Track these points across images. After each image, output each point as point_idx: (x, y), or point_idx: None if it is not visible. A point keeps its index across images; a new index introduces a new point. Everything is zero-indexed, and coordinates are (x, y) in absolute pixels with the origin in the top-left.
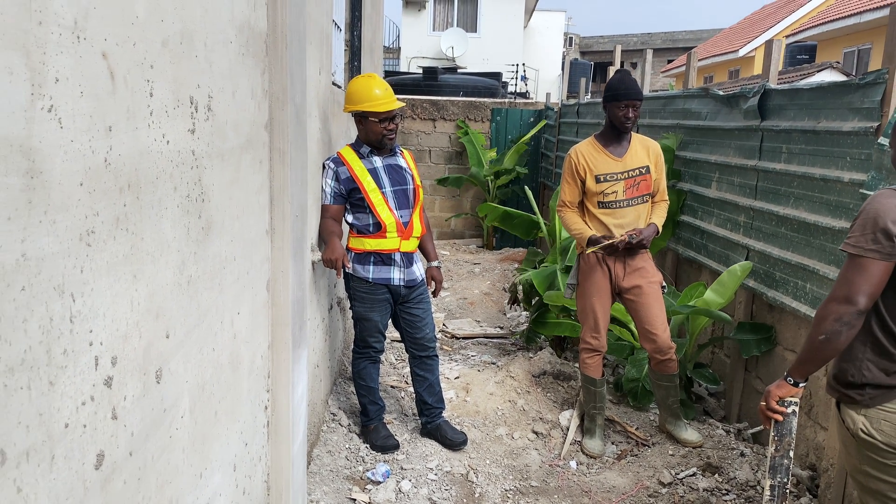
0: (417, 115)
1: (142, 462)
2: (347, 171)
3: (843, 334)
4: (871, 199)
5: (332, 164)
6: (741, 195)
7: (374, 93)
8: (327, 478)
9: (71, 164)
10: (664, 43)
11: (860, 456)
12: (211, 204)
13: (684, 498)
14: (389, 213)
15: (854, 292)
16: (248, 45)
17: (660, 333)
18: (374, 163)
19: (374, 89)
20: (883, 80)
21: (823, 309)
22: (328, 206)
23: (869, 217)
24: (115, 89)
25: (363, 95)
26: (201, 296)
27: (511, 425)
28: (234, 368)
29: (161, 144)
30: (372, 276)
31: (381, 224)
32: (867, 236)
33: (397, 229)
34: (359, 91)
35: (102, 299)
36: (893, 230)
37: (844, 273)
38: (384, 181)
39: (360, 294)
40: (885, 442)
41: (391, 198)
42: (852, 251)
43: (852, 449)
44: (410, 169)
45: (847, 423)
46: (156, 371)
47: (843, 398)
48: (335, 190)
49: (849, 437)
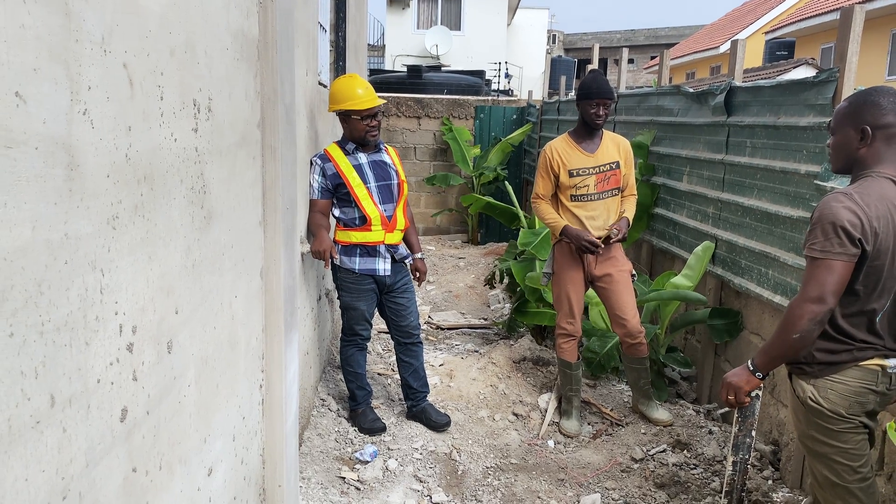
0: (402, 112)
1: (157, 421)
2: (333, 167)
3: (816, 331)
4: (823, 205)
5: (319, 161)
6: (710, 188)
7: (355, 92)
8: (318, 458)
9: (100, 158)
10: (647, 39)
11: (808, 422)
12: (211, 196)
13: (655, 472)
14: (374, 207)
15: (826, 292)
16: (243, 51)
17: (629, 319)
18: (359, 159)
19: (356, 89)
20: (834, 78)
21: (798, 309)
22: (316, 200)
23: (827, 222)
24: (133, 94)
25: (345, 95)
26: (204, 278)
27: (492, 408)
28: (233, 347)
29: (170, 142)
30: (358, 268)
31: (367, 217)
32: (832, 240)
33: (381, 222)
34: (341, 91)
35: (125, 276)
36: (852, 231)
37: (813, 275)
38: (369, 177)
39: (346, 284)
40: (830, 409)
41: (375, 192)
42: (820, 255)
43: (801, 416)
44: (395, 164)
45: (797, 392)
46: (167, 342)
47: (794, 370)
48: (322, 185)
49: (799, 405)
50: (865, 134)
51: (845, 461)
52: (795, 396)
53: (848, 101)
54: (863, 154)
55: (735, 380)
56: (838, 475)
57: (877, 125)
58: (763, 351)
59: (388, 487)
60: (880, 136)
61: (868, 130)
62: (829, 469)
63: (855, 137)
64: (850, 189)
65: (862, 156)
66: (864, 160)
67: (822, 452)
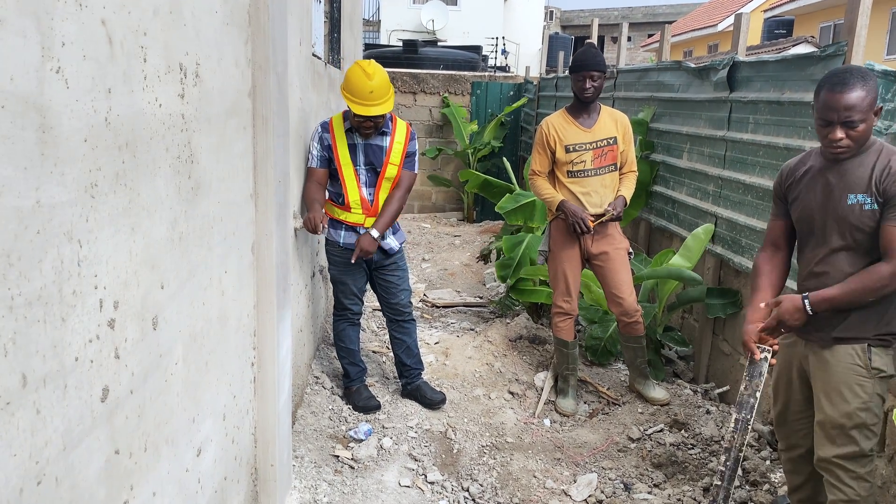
0: (398, 88)
1: (141, 401)
2: (330, 139)
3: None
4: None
5: (320, 129)
6: (710, 165)
7: (361, 91)
8: (311, 436)
9: (76, 121)
10: (645, 17)
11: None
12: (199, 166)
13: (652, 452)
14: (356, 191)
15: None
16: (233, 15)
17: (626, 297)
18: (355, 139)
19: (366, 88)
20: (842, 52)
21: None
22: (314, 169)
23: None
24: (113, 54)
25: (352, 87)
26: (192, 252)
27: (488, 386)
28: (223, 324)
29: (154, 107)
30: (342, 241)
31: (346, 200)
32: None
33: (362, 206)
34: (352, 81)
35: (105, 247)
36: None
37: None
38: (360, 159)
39: (333, 258)
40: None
41: (363, 175)
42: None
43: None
44: (390, 148)
45: (875, 364)
46: (152, 318)
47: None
48: (320, 154)
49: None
50: (879, 112)
51: (878, 431)
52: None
53: (863, 89)
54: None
55: (795, 318)
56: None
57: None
58: (827, 298)
59: (383, 466)
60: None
61: (881, 108)
62: (868, 440)
63: (874, 119)
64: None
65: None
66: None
67: (869, 423)
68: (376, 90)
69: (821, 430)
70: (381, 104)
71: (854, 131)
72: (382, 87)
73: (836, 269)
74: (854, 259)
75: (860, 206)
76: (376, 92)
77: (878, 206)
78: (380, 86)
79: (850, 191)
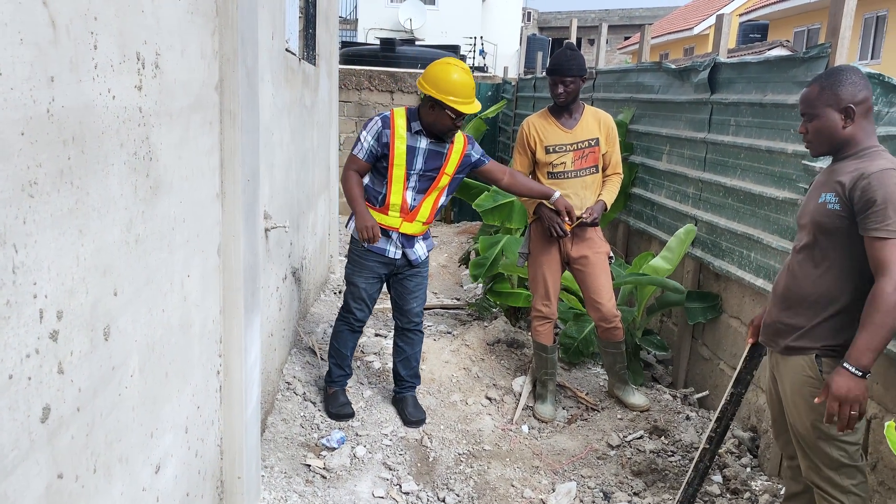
0: (375, 86)
1: (90, 418)
2: (389, 136)
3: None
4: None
5: (380, 123)
6: (690, 167)
7: (465, 89)
8: (282, 445)
9: (11, 112)
10: (621, 20)
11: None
12: (159, 163)
13: (631, 459)
14: (400, 193)
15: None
16: (198, 4)
17: (605, 302)
18: (418, 142)
19: (469, 86)
20: (826, 54)
21: (894, 294)
22: (358, 158)
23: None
24: (56, 39)
25: (450, 87)
26: (150, 256)
27: (465, 392)
28: (185, 331)
29: (106, 99)
30: (368, 244)
31: (387, 201)
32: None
33: (401, 209)
34: (451, 80)
35: (47, 252)
36: None
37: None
38: (417, 163)
39: (352, 256)
40: None
41: (415, 180)
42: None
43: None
44: (450, 156)
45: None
46: (104, 328)
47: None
48: (372, 148)
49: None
50: (850, 113)
51: (855, 440)
52: (817, 379)
53: (819, 84)
54: (850, 133)
55: (856, 392)
56: (850, 456)
57: (856, 102)
58: (865, 349)
59: (356, 476)
60: (860, 111)
61: (852, 109)
62: (841, 451)
63: (839, 118)
64: (889, 164)
65: (850, 134)
66: (853, 138)
67: (835, 435)
68: (473, 86)
69: (794, 441)
70: (476, 101)
71: (809, 124)
72: (473, 84)
73: (794, 267)
74: (809, 258)
75: (825, 204)
76: (472, 88)
77: (840, 208)
78: (472, 83)
79: (823, 190)
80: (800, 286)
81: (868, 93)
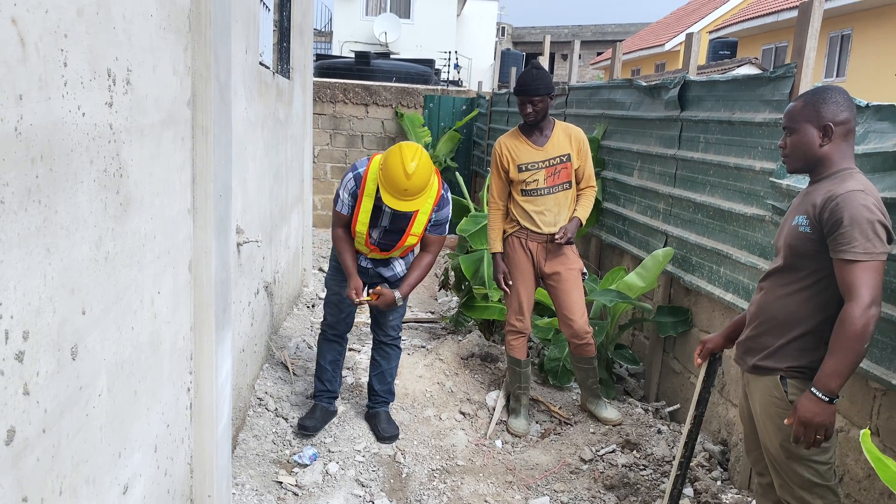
0: (349, 99)
1: (56, 439)
2: (359, 193)
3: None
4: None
5: (353, 182)
6: (661, 183)
7: (396, 185)
8: (253, 461)
9: None
10: (594, 35)
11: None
12: (130, 180)
13: (604, 474)
14: (364, 236)
15: (877, 295)
16: (170, 20)
17: (577, 319)
18: (385, 206)
19: (401, 185)
20: (791, 73)
21: (863, 318)
22: (342, 214)
23: (864, 221)
24: (26, 56)
25: (388, 176)
26: (119, 273)
27: (439, 406)
28: (155, 349)
29: (76, 116)
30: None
31: (352, 232)
32: (873, 241)
33: (366, 241)
34: (390, 170)
35: (13, 271)
36: (889, 228)
37: (863, 280)
38: (383, 220)
39: (332, 262)
40: None
41: (376, 234)
42: (864, 258)
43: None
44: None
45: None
46: (71, 347)
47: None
48: (349, 203)
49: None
50: (828, 131)
51: (826, 460)
52: (783, 400)
53: (803, 99)
54: (826, 152)
55: (822, 418)
56: (821, 475)
57: (836, 122)
58: (832, 373)
59: (328, 493)
60: (840, 132)
61: (831, 128)
62: (812, 470)
63: (817, 136)
64: (857, 185)
65: (826, 153)
66: (828, 157)
67: (805, 455)
68: (411, 189)
69: (767, 459)
70: (415, 200)
71: (788, 138)
72: (418, 186)
73: (766, 288)
74: (781, 279)
75: (798, 226)
76: (411, 190)
77: (811, 231)
78: (416, 185)
79: (797, 212)
80: (770, 306)
81: (851, 115)
